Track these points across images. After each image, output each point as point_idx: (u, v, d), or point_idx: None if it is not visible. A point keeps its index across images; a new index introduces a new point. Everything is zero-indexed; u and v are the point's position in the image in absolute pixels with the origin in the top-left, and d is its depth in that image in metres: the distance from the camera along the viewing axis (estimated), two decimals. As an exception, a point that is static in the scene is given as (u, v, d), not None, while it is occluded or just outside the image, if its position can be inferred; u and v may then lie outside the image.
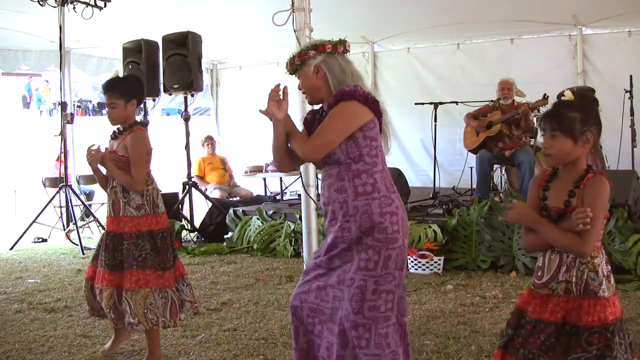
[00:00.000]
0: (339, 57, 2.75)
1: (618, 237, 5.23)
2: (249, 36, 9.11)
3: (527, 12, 8.21)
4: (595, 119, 2.20)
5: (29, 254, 7.33)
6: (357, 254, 2.56)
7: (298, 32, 4.23)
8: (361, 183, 2.58)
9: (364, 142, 2.60)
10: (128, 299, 3.45)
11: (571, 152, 2.19)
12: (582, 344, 2.10)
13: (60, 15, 7.63)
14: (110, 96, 3.54)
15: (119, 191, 3.55)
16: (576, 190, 2.17)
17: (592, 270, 2.15)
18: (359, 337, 2.52)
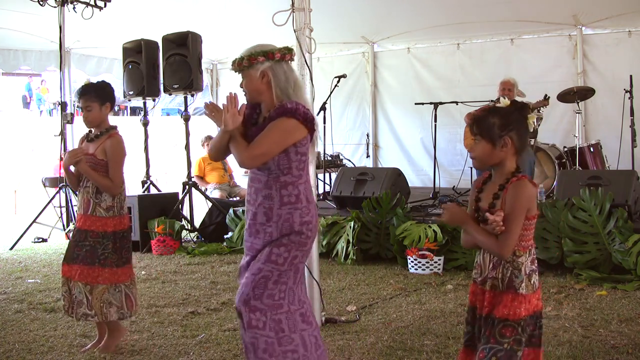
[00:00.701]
0: (285, 65, 2.91)
1: (618, 237, 5.24)
2: (249, 36, 9.08)
3: (527, 12, 8.21)
4: (516, 125, 2.33)
5: (29, 254, 7.32)
6: (269, 247, 2.81)
7: (298, 32, 4.23)
8: (287, 194, 2.81)
9: (295, 157, 2.82)
10: (87, 292, 3.73)
11: (491, 155, 2.34)
12: (495, 335, 2.25)
13: (60, 15, 7.63)
14: (87, 99, 3.75)
15: (92, 192, 3.77)
16: (500, 192, 2.31)
17: (516, 268, 2.29)
18: (257, 320, 2.80)
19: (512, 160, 2.35)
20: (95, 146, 3.76)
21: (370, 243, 6.33)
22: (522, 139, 2.34)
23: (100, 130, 3.79)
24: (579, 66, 8.68)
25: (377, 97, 10.30)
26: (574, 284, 5.12)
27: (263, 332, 2.79)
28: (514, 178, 2.31)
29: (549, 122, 8.25)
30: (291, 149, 2.81)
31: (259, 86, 2.86)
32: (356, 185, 6.97)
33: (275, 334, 2.79)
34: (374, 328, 4.15)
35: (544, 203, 5.95)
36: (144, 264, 6.69)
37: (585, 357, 3.46)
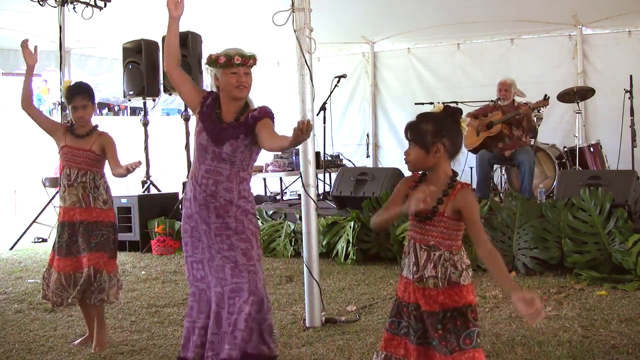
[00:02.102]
0: None
1: (618, 237, 5.23)
2: (249, 36, 9.11)
3: (527, 12, 8.21)
4: (448, 131, 2.40)
5: (29, 254, 7.33)
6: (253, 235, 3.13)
7: (298, 32, 4.23)
8: (243, 188, 3.13)
9: (255, 156, 3.19)
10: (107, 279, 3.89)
11: (425, 161, 2.42)
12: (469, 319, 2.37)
13: (60, 15, 7.63)
14: (84, 98, 3.93)
15: (90, 187, 3.93)
16: (444, 198, 2.38)
17: (452, 265, 2.41)
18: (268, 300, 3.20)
19: (447, 165, 2.43)
20: (88, 143, 3.93)
21: (370, 243, 6.33)
22: (455, 144, 2.42)
23: (89, 129, 3.97)
24: (579, 66, 8.67)
25: (377, 97, 10.30)
26: (574, 284, 5.12)
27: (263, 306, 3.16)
28: (457, 185, 2.40)
29: (549, 122, 8.25)
30: (255, 148, 3.14)
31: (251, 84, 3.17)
32: (356, 185, 6.97)
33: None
34: (374, 328, 4.15)
35: (544, 203, 5.95)
36: (144, 264, 6.69)
37: (585, 357, 3.46)
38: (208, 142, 3.11)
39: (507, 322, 4.18)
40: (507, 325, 4.11)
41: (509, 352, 3.60)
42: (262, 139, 3.05)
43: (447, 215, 2.38)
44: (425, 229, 2.43)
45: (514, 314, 4.34)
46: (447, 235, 2.41)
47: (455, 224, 2.40)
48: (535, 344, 3.67)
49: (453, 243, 2.43)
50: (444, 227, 2.39)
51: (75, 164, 3.92)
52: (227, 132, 3.08)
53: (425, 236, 2.43)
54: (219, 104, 3.18)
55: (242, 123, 3.10)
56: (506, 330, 4.01)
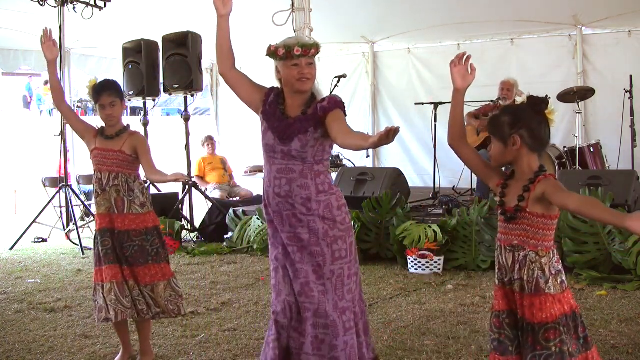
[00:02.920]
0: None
1: (618, 237, 5.23)
2: (249, 36, 9.11)
3: (527, 12, 8.21)
4: (526, 122, 2.29)
5: (29, 254, 7.32)
6: (327, 248, 2.82)
7: (298, 32, 4.24)
8: (320, 182, 2.88)
9: (329, 149, 2.95)
10: (148, 292, 3.60)
11: (504, 155, 2.33)
12: (540, 341, 2.20)
13: (60, 15, 7.63)
14: (111, 95, 3.64)
15: (123, 190, 3.63)
16: (525, 194, 2.27)
17: (540, 269, 2.25)
18: (348, 320, 2.81)
19: (531, 158, 2.30)
20: (118, 144, 3.65)
21: (370, 243, 6.33)
22: (535, 136, 2.29)
23: (119, 129, 3.69)
24: (579, 66, 8.67)
25: (378, 97, 10.30)
26: (574, 284, 5.11)
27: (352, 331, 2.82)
28: (539, 178, 2.26)
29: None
30: (328, 141, 2.89)
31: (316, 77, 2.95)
32: (356, 185, 6.97)
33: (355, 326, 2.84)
34: (374, 328, 4.15)
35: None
36: (144, 264, 6.68)
37: (585, 357, 3.46)
38: (275, 142, 2.89)
39: (507, 322, 4.17)
40: (507, 325, 4.11)
41: (509, 352, 3.59)
42: (335, 134, 2.79)
43: (530, 210, 2.25)
44: (509, 228, 2.31)
45: (514, 314, 4.35)
46: (532, 234, 2.26)
47: (540, 221, 2.25)
48: (535, 344, 3.67)
49: (539, 243, 2.26)
50: (527, 224, 2.26)
51: (106, 167, 3.64)
52: (293, 127, 2.85)
53: (509, 236, 2.31)
54: (282, 99, 2.95)
55: (309, 116, 2.86)
56: (506, 330, 4.00)
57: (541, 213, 2.25)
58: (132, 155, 3.64)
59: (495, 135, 2.32)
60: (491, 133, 2.35)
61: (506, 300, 2.34)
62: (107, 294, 3.53)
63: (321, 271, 2.81)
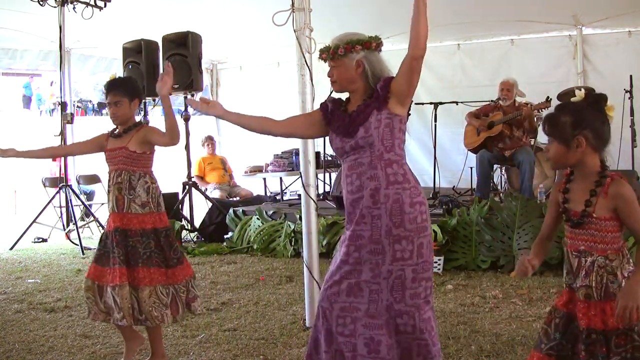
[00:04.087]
0: (377, 54, 2.85)
1: (618, 237, 5.23)
2: (249, 36, 9.10)
3: (527, 12, 8.21)
4: (591, 122, 2.16)
5: (29, 254, 7.33)
6: (390, 246, 2.63)
7: (298, 32, 4.22)
8: (392, 172, 2.70)
9: (398, 133, 2.78)
10: (134, 296, 3.46)
11: (566, 156, 2.20)
12: (612, 348, 2.09)
13: (60, 15, 7.63)
14: (116, 94, 3.56)
15: (125, 187, 3.54)
16: (593, 198, 2.16)
17: (611, 273, 2.13)
18: (404, 324, 2.64)
19: (594, 158, 2.18)
20: (125, 141, 3.55)
21: (370, 243, 6.32)
22: (599, 135, 2.16)
23: (128, 126, 3.59)
24: (579, 66, 8.67)
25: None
26: (574, 284, 5.11)
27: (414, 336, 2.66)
28: (608, 179, 2.15)
29: (549, 122, 8.24)
30: (396, 122, 2.77)
31: (353, 75, 2.80)
32: (356, 185, 6.96)
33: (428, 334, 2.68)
34: (374, 328, 4.15)
35: (544, 203, 5.95)
36: (144, 264, 6.68)
37: (585, 357, 3.46)
38: (343, 142, 2.78)
39: (507, 322, 4.18)
40: (507, 325, 4.11)
41: (509, 352, 3.60)
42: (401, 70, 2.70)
43: (598, 215, 2.14)
44: (575, 232, 2.21)
45: (514, 314, 4.35)
46: (600, 239, 2.16)
47: (608, 224, 2.16)
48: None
49: (608, 247, 2.16)
50: (594, 229, 2.15)
51: (112, 165, 3.59)
52: (356, 118, 2.75)
53: (575, 241, 2.21)
54: (343, 100, 2.92)
55: (370, 101, 2.76)
56: (506, 330, 4.01)
57: (609, 216, 2.15)
58: (137, 151, 3.53)
59: (556, 136, 2.18)
60: (550, 134, 2.21)
61: (568, 303, 2.23)
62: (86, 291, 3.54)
63: (378, 269, 2.65)
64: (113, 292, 3.43)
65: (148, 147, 3.57)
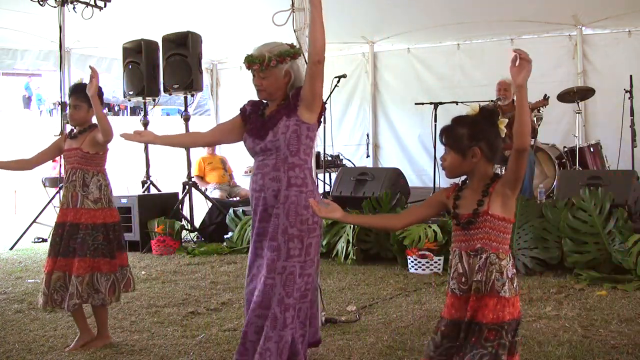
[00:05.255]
0: (298, 62, 3.05)
1: (618, 237, 5.24)
2: (249, 36, 9.08)
3: (527, 12, 8.21)
4: (485, 134, 2.32)
5: (29, 254, 7.33)
6: (285, 243, 2.90)
7: (298, 32, 4.22)
8: (294, 175, 2.93)
9: (305, 140, 2.96)
10: (77, 283, 3.80)
11: (461, 166, 2.34)
12: (481, 341, 2.23)
13: (60, 15, 7.63)
14: (76, 98, 3.89)
15: (79, 185, 3.87)
16: (484, 199, 2.30)
17: (498, 271, 2.27)
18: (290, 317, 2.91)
19: (487, 167, 2.36)
20: (79, 142, 3.89)
21: (370, 243, 6.33)
22: (492, 147, 2.34)
23: (84, 127, 3.93)
24: (579, 66, 8.68)
25: (377, 97, 10.30)
26: (574, 284, 5.12)
27: (292, 326, 2.92)
28: (497, 180, 2.32)
29: (549, 122, 8.23)
30: (303, 130, 2.94)
31: (281, 84, 2.98)
32: (356, 185, 6.97)
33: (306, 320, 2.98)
34: (374, 328, 4.15)
35: (544, 203, 5.96)
36: (144, 264, 6.69)
37: (585, 357, 3.46)
38: (254, 142, 3.00)
39: (507, 322, 4.17)
40: (507, 325, 4.11)
41: (509, 352, 3.60)
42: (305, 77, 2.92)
43: (492, 212, 2.28)
44: (469, 234, 2.32)
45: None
46: (495, 237, 2.29)
47: (501, 224, 2.29)
48: (535, 344, 3.67)
49: (500, 246, 2.29)
50: (489, 227, 2.28)
51: (69, 164, 3.93)
52: (267, 122, 2.97)
53: (470, 242, 2.31)
54: (263, 104, 3.11)
55: (282, 107, 2.98)
56: (506, 330, 4.00)
57: (502, 216, 2.29)
58: (90, 152, 3.86)
59: (452, 146, 2.33)
60: (447, 144, 2.35)
61: (452, 310, 2.33)
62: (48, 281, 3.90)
63: (273, 265, 2.90)
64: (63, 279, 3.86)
65: (100, 147, 3.90)
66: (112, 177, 4.03)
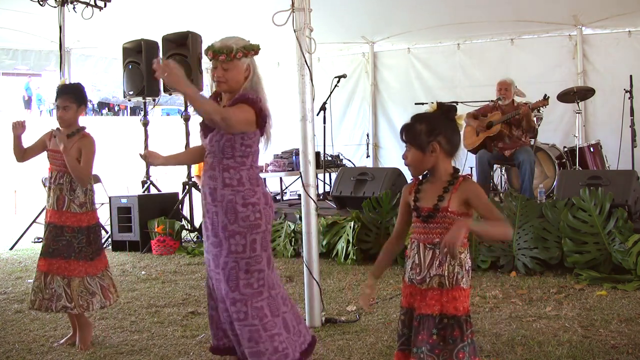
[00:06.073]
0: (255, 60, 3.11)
1: (618, 237, 5.23)
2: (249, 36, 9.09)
3: (527, 12, 8.21)
4: (443, 129, 2.36)
5: (29, 254, 7.33)
6: (225, 240, 2.96)
7: (298, 32, 4.22)
8: (228, 177, 3.00)
9: (240, 147, 3.00)
10: (64, 285, 3.85)
11: (423, 162, 2.38)
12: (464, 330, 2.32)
13: (60, 15, 7.63)
14: (66, 99, 3.90)
15: (66, 189, 3.95)
16: (446, 194, 2.35)
17: (459, 264, 2.36)
18: (237, 311, 2.95)
19: (447, 163, 2.39)
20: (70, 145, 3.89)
21: (370, 243, 6.33)
22: (451, 142, 2.38)
23: (72, 130, 3.92)
24: (579, 66, 8.68)
25: (377, 97, 10.31)
26: (574, 284, 5.12)
27: (246, 322, 2.93)
28: (460, 178, 2.37)
29: (549, 122, 8.25)
30: (237, 139, 2.99)
31: (241, 78, 3.03)
32: (356, 185, 6.98)
33: (259, 321, 2.93)
34: (374, 328, 4.15)
35: (544, 203, 5.95)
36: (144, 264, 6.69)
37: (585, 357, 3.46)
38: (203, 140, 3.14)
39: (507, 322, 4.18)
40: (507, 325, 4.11)
41: (509, 352, 3.60)
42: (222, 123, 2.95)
43: (452, 210, 2.33)
44: (429, 227, 2.37)
45: (513, 314, 4.35)
46: None
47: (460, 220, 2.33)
48: (535, 344, 3.67)
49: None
50: (449, 223, 2.33)
51: (55, 166, 3.98)
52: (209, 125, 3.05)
53: (429, 235, 2.37)
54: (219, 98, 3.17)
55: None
56: (506, 330, 4.01)
57: (462, 212, 2.34)
58: (77, 157, 3.89)
59: (413, 143, 2.37)
60: (407, 141, 2.39)
61: (409, 298, 2.41)
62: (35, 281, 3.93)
63: (217, 260, 3.00)
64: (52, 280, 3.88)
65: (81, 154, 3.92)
66: (112, 177, 4.05)
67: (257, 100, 2.99)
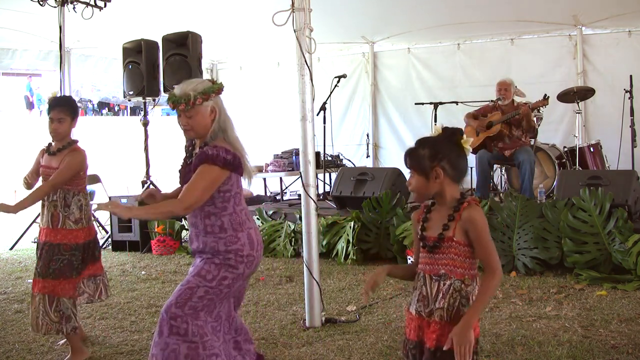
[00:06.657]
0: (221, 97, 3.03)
1: (618, 237, 5.23)
2: (249, 36, 9.10)
3: (527, 12, 8.21)
4: (446, 153, 2.26)
5: (29, 254, 7.32)
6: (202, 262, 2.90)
7: (298, 32, 4.23)
8: (210, 224, 2.91)
9: (218, 194, 2.89)
10: (71, 305, 3.73)
11: (427, 188, 2.28)
12: None
13: (60, 15, 7.61)
14: (61, 111, 3.83)
15: (60, 205, 3.78)
16: (450, 223, 2.24)
17: (464, 297, 2.22)
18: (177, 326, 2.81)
19: (453, 188, 2.29)
20: (58, 161, 3.79)
21: (370, 243, 6.33)
22: (456, 167, 2.28)
23: (63, 144, 3.84)
24: (579, 66, 8.68)
25: (377, 97, 10.30)
26: (574, 284, 5.12)
27: (186, 338, 2.80)
28: (464, 204, 2.25)
29: (549, 122, 8.25)
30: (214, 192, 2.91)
31: (207, 122, 2.94)
32: (356, 185, 6.98)
33: (200, 338, 2.81)
34: (374, 328, 4.15)
35: (544, 203, 5.95)
36: (144, 264, 6.69)
37: (585, 357, 3.46)
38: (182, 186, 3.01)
39: (507, 322, 4.18)
40: (507, 325, 4.11)
41: (509, 352, 3.60)
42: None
43: (457, 239, 2.22)
44: (434, 258, 2.28)
45: (513, 314, 4.35)
46: (459, 263, 2.23)
47: (466, 250, 2.23)
48: (535, 344, 3.67)
49: (466, 272, 2.23)
50: (454, 253, 2.23)
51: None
52: (187, 175, 2.97)
53: (435, 265, 2.28)
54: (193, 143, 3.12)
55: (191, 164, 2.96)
56: (506, 330, 4.01)
57: (468, 242, 2.23)
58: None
59: (416, 168, 2.28)
60: (411, 167, 2.31)
61: (418, 331, 2.30)
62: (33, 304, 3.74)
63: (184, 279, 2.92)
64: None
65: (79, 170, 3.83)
66: (112, 177, 4.02)
67: (216, 154, 2.84)
